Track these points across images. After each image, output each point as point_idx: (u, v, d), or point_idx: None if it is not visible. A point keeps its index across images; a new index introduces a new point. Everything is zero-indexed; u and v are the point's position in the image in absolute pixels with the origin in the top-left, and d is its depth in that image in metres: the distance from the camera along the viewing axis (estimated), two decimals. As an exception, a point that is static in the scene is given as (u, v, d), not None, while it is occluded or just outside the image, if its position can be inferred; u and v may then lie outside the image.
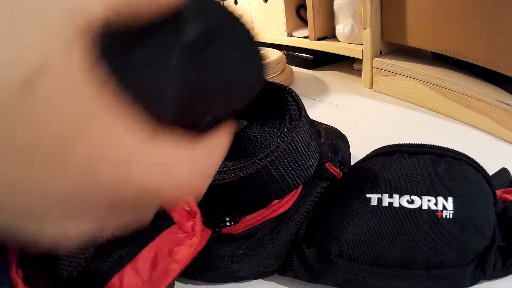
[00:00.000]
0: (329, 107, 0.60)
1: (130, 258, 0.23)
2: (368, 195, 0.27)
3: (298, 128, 0.27)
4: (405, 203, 0.26)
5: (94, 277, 0.21)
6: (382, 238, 0.25)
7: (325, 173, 0.31)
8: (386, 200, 0.26)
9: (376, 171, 0.28)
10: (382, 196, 0.26)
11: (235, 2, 0.99)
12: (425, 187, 0.26)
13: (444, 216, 0.24)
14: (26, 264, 0.21)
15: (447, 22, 0.48)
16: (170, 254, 0.26)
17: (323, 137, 0.37)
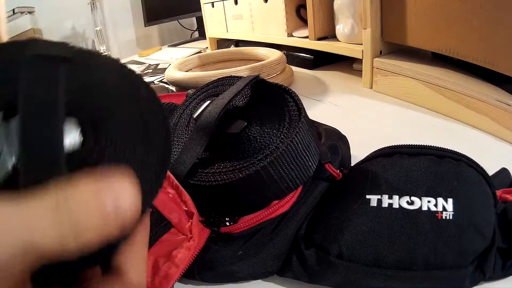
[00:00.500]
0: (329, 107, 0.60)
1: None
2: (368, 196, 0.27)
3: (298, 129, 0.27)
4: (405, 204, 0.26)
5: None
6: (382, 239, 0.25)
7: (325, 174, 0.31)
8: (386, 201, 0.26)
9: (376, 172, 0.28)
10: (381, 197, 0.26)
11: (235, 2, 0.99)
12: (425, 188, 0.26)
13: (444, 217, 0.24)
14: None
15: (447, 22, 0.48)
16: (169, 257, 0.26)
17: (323, 137, 0.37)
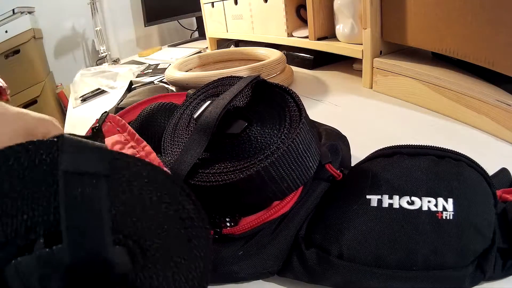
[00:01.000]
0: (329, 107, 0.60)
1: None
2: (368, 196, 0.27)
3: (299, 130, 0.27)
4: (405, 204, 0.26)
5: None
6: (382, 239, 0.25)
7: (325, 174, 0.31)
8: (386, 201, 0.26)
9: (376, 172, 0.28)
10: (382, 197, 0.26)
11: (235, 2, 0.99)
12: (425, 188, 0.26)
13: (444, 217, 0.24)
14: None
15: (447, 22, 0.48)
16: None
17: (324, 138, 0.37)
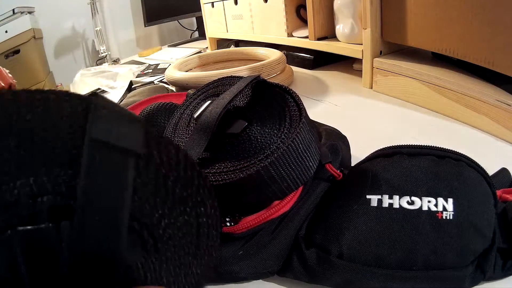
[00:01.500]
0: (329, 107, 0.60)
1: None
2: (368, 196, 0.27)
3: (299, 129, 0.27)
4: (405, 204, 0.26)
5: None
6: (382, 239, 0.25)
7: (325, 174, 0.31)
8: (386, 201, 0.26)
9: (376, 172, 0.28)
10: (382, 197, 0.26)
11: (235, 2, 0.99)
12: (425, 188, 0.26)
13: (444, 217, 0.24)
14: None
15: (447, 22, 0.48)
16: None
17: (324, 138, 0.37)
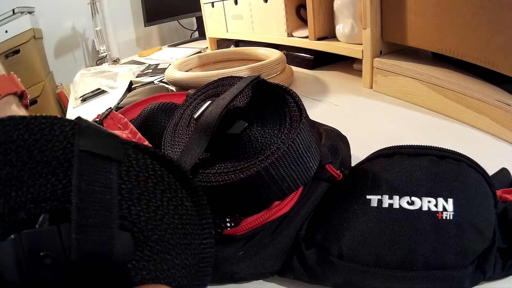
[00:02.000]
0: (329, 107, 0.60)
1: None
2: (368, 197, 0.27)
3: (299, 130, 0.27)
4: (405, 204, 0.26)
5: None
6: (382, 239, 0.25)
7: (325, 174, 0.31)
8: (386, 202, 0.26)
9: (376, 173, 0.28)
10: (382, 197, 0.26)
11: (235, 2, 0.99)
12: (425, 188, 0.26)
13: (444, 217, 0.25)
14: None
15: (447, 22, 0.48)
16: None
17: (324, 138, 0.37)
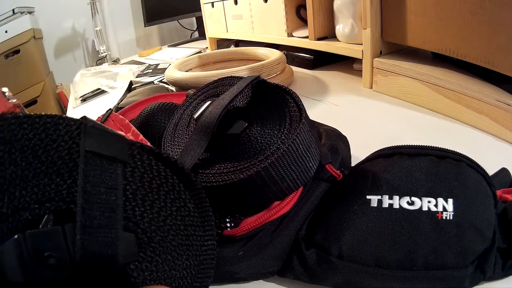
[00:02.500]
0: (329, 107, 0.60)
1: None
2: (368, 197, 0.27)
3: (299, 130, 0.27)
4: (405, 205, 0.26)
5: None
6: (382, 240, 0.25)
7: (325, 174, 0.31)
8: (386, 202, 0.26)
9: (376, 173, 0.28)
10: (382, 197, 0.26)
11: (235, 2, 0.99)
12: (425, 188, 0.26)
13: (444, 218, 0.24)
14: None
15: (447, 22, 0.48)
16: None
17: (324, 138, 0.37)
